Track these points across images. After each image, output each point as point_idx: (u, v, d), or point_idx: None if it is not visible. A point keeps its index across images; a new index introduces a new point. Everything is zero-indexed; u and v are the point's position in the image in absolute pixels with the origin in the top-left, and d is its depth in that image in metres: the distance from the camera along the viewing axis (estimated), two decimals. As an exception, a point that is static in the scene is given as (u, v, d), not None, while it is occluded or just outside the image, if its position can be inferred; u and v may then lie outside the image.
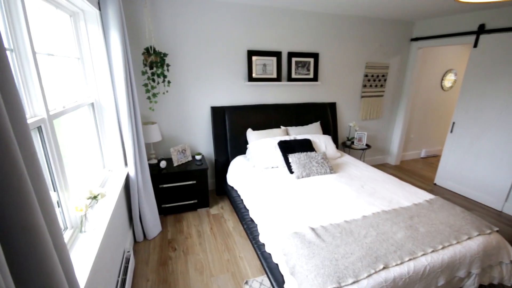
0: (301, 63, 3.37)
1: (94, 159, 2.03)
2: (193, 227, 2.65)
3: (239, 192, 2.64)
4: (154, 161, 2.87)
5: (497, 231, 1.78)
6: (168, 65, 2.69)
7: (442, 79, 4.61)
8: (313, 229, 1.65)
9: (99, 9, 1.88)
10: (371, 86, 3.95)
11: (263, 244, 1.89)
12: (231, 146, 3.10)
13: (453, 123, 3.49)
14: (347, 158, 3.08)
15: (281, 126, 3.27)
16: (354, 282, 1.29)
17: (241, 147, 3.11)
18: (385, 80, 4.01)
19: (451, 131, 3.52)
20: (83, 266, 1.14)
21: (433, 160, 4.81)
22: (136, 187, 2.19)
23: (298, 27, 3.26)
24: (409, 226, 1.71)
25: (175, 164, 2.82)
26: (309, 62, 3.41)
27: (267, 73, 3.22)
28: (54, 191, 1.26)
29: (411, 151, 4.88)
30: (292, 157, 2.58)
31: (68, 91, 1.69)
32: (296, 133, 3.20)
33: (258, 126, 3.19)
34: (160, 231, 2.56)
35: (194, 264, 2.15)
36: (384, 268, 1.38)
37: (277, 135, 3.06)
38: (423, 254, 1.49)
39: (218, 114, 3.11)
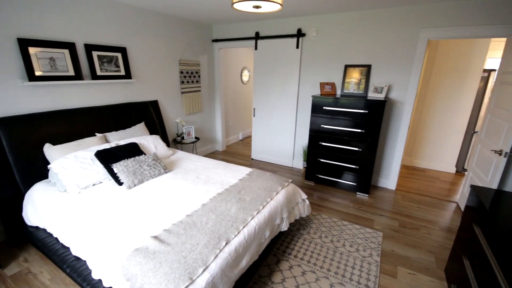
0: (106, 58, 2.92)
1: None
2: (-29, 311, 1.71)
3: (49, 231, 1.98)
4: None
5: (291, 182, 2.51)
6: None
7: (241, 75, 5.69)
8: (155, 237, 1.54)
9: None
10: (188, 82, 4.16)
11: (100, 280, 1.55)
12: (20, 173, 2.21)
13: (254, 108, 4.44)
14: (180, 154, 3.12)
15: (97, 134, 2.74)
16: (204, 270, 1.36)
17: (38, 171, 2.31)
18: (199, 76, 4.36)
19: (254, 115, 4.48)
20: None
21: (248, 140, 5.95)
22: None
23: (96, 15, 2.76)
24: (239, 199, 2.02)
25: None
26: (117, 57, 3.02)
27: (59, 70, 2.52)
28: None
29: (232, 136, 5.75)
30: (117, 167, 2.25)
31: None
32: (118, 138, 2.80)
33: (62, 139, 2.48)
34: None
35: None
36: (226, 243, 1.56)
37: (93, 144, 2.54)
38: (252, 218, 1.82)
39: (-18, 131, 2.09)
